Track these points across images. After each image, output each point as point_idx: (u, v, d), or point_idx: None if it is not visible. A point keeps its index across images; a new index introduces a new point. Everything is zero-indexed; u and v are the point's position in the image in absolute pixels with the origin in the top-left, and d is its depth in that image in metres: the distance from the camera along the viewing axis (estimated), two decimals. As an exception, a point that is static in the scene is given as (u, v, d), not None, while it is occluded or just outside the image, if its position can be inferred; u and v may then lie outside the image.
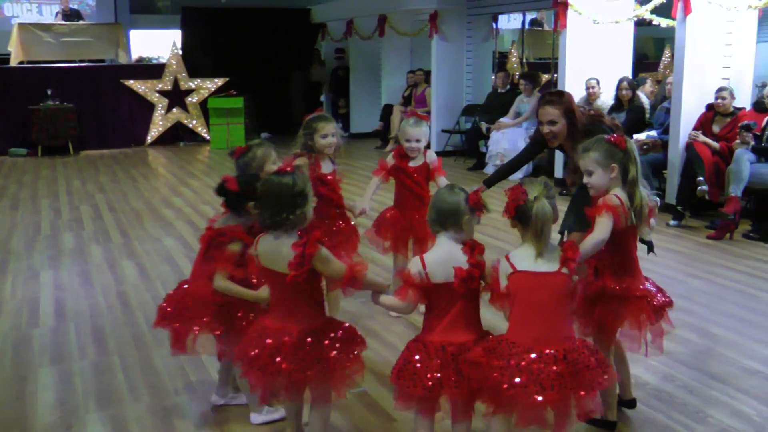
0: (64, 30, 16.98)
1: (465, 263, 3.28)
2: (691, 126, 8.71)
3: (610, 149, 3.75)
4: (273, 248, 3.41)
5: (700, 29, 8.69)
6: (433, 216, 3.41)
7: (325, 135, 5.12)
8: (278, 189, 3.41)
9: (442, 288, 3.30)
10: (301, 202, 3.42)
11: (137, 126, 16.69)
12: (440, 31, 14.08)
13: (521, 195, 3.31)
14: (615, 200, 3.68)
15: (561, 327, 3.29)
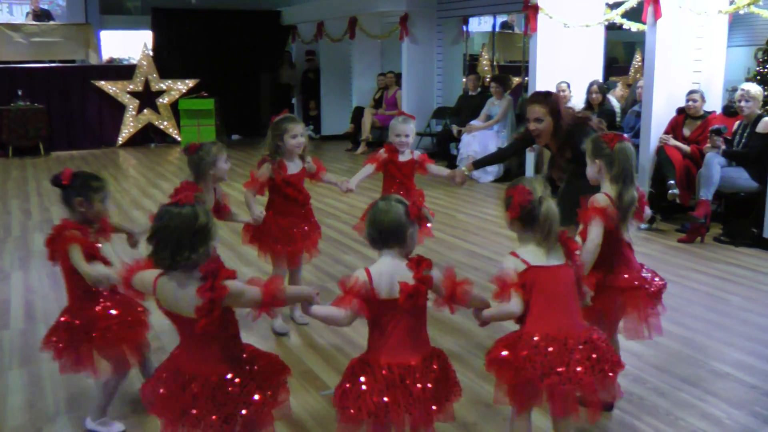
0: (34, 30, 16.86)
1: (411, 278, 3.11)
2: (662, 130, 8.78)
3: (598, 146, 3.94)
4: (174, 291, 2.98)
5: (671, 33, 8.76)
6: (373, 234, 3.21)
7: (295, 135, 5.30)
8: (179, 224, 2.96)
9: (386, 305, 3.12)
10: (204, 238, 3.00)
11: (107, 127, 16.60)
12: (410, 34, 14.11)
13: (527, 195, 3.32)
14: (603, 200, 3.82)
15: (577, 316, 3.39)
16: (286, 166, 5.34)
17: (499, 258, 6.74)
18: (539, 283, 3.32)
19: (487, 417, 4.18)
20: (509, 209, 3.37)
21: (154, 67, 16.89)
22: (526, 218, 3.34)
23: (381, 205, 3.22)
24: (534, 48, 10.74)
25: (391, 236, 3.19)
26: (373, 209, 3.25)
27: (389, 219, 3.18)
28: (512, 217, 3.38)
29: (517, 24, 16.75)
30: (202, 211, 3.03)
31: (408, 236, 3.21)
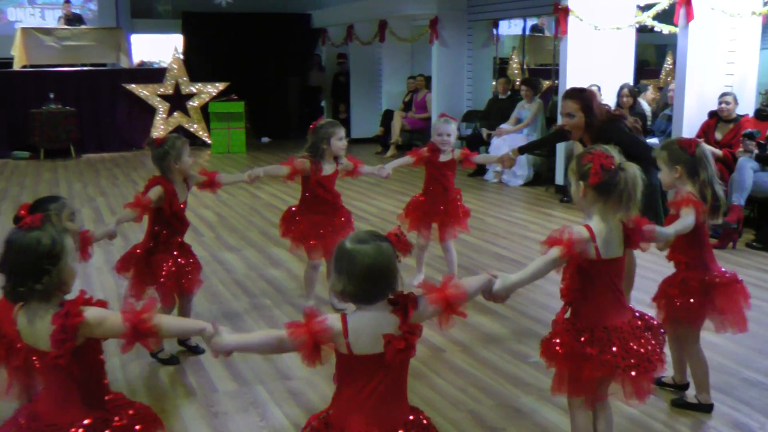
0: (66, 34, 17.00)
1: (397, 329, 2.62)
2: (693, 133, 8.69)
3: (677, 152, 3.98)
4: (31, 323, 2.68)
5: (703, 36, 8.68)
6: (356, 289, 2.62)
7: (341, 138, 5.71)
8: (18, 250, 2.69)
9: (365, 361, 2.63)
10: (51, 264, 2.66)
11: (137, 130, 16.68)
12: (440, 37, 14.08)
13: (608, 158, 3.12)
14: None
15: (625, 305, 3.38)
16: (323, 168, 5.69)
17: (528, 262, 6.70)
18: (604, 276, 3.22)
19: (515, 420, 4.15)
20: (592, 175, 3.09)
21: (184, 71, 16.98)
22: (606, 185, 3.09)
23: (361, 249, 2.61)
24: (564, 51, 10.68)
25: (382, 287, 2.64)
26: (346, 254, 2.62)
27: (379, 265, 2.61)
28: (595, 182, 3.09)
29: (547, 27, 16.70)
30: (47, 234, 2.70)
31: (399, 279, 2.68)
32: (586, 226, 3.16)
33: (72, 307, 2.63)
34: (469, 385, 4.58)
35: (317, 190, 5.72)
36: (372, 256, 2.59)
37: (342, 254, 2.63)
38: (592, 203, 3.18)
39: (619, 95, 10.06)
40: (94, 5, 19.90)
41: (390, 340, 2.59)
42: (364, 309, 2.64)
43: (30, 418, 2.76)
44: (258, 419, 4.22)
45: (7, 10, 19.38)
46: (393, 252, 2.64)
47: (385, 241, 2.64)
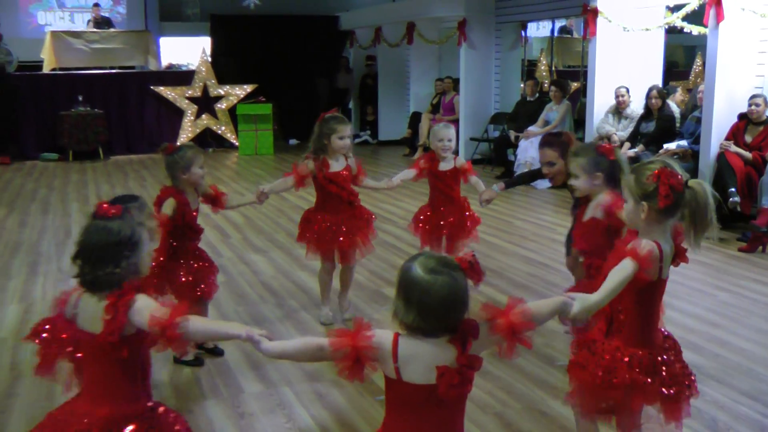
0: (95, 37, 17.14)
1: (453, 361, 2.39)
2: (723, 135, 8.62)
3: (597, 158, 3.91)
4: (94, 307, 2.73)
5: (733, 36, 8.61)
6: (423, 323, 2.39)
7: (342, 137, 5.37)
8: (101, 237, 2.76)
9: (417, 390, 2.41)
10: (129, 251, 2.75)
11: (165, 132, 16.76)
12: (468, 39, 14.06)
13: (676, 177, 2.93)
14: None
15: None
16: (329, 164, 5.43)
17: (556, 265, 6.67)
18: (658, 296, 3.13)
19: (542, 424, 4.13)
20: (662, 197, 2.88)
21: (212, 73, 17.04)
22: (674, 205, 2.92)
23: (437, 281, 2.36)
24: (593, 52, 10.64)
25: (452, 321, 2.40)
26: (418, 284, 2.38)
27: (454, 298, 2.38)
28: (665, 205, 2.89)
29: (576, 28, 16.63)
30: (128, 224, 2.79)
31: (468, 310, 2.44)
32: (656, 243, 2.97)
33: (128, 288, 2.69)
34: (496, 388, 4.56)
35: (328, 188, 5.46)
36: (448, 288, 2.35)
37: (412, 284, 2.39)
38: (655, 222, 2.99)
39: (647, 97, 9.99)
40: (122, 8, 20.06)
41: (444, 372, 2.35)
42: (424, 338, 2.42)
43: (68, 413, 2.75)
44: (284, 420, 4.22)
45: (37, 14, 19.57)
46: (466, 283, 2.41)
47: (458, 270, 2.40)
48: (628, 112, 10.33)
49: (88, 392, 2.78)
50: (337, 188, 5.46)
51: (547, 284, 6.64)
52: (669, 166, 2.95)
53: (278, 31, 18.40)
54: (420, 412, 2.43)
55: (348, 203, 5.55)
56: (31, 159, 15.50)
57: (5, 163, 14.91)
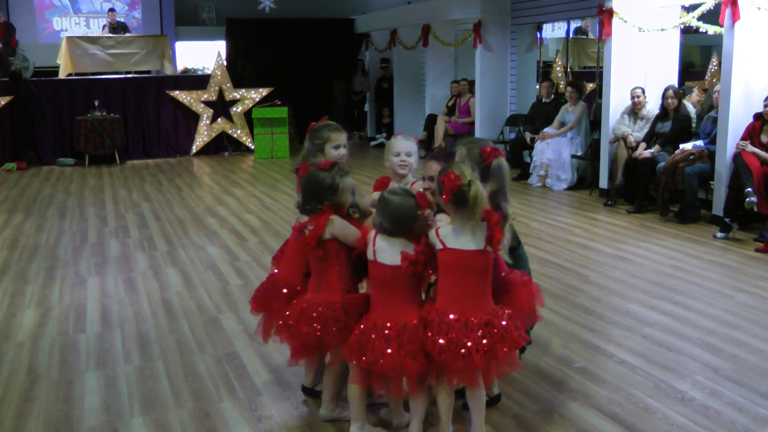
0: (111, 42, 17.21)
1: (412, 250, 3.66)
2: (739, 136, 8.58)
3: (476, 156, 4.00)
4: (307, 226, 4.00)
5: (749, 36, 8.56)
6: (385, 225, 3.72)
7: (338, 146, 4.65)
8: (311, 182, 4.00)
9: (387, 270, 3.71)
10: (331, 195, 3.94)
11: (182, 136, 16.85)
12: (484, 41, 14.05)
13: (457, 180, 3.56)
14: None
15: (483, 299, 3.71)
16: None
17: (573, 266, 6.64)
18: (450, 264, 3.67)
19: (560, 426, 4.12)
20: (442, 194, 3.60)
21: (228, 77, 17.09)
22: (457, 202, 3.58)
23: (393, 198, 3.70)
24: (608, 53, 10.60)
25: (403, 226, 3.70)
26: (383, 201, 3.72)
27: (403, 211, 3.68)
28: (445, 202, 3.62)
29: (591, 29, 16.56)
30: (330, 176, 3.96)
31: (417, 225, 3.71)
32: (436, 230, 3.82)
33: (328, 210, 3.93)
34: (513, 390, 4.55)
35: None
36: (399, 204, 3.69)
37: (381, 199, 3.75)
38: (452, 212, 3.69)
39: (663, 97, 9.94)
40: (138, 13, 20.17)
41: (405, 256, 3.65)
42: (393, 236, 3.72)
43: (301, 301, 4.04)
44: (302, 423, 4.22)
45: (53, 20, 19.71)
46: (414, 205, 3.68)
47: (411, 197, 3.71)
48: (644, 112, 10.29)
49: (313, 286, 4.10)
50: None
51: (565, 286, 6.62)
52: (457, 169, 3.62)
53: (294, 34, 18.44)
54: (391, 285, 3.73)
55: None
56: (48, 164, 15.60)
57: (22, 168, 15.01)
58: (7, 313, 6.22)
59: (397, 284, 3.72)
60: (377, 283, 3.82)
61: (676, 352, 5.05)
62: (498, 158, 3.94)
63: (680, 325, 5.64)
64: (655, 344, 5.26)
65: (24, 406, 4.50)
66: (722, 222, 8.37)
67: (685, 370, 4.82)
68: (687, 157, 9.06)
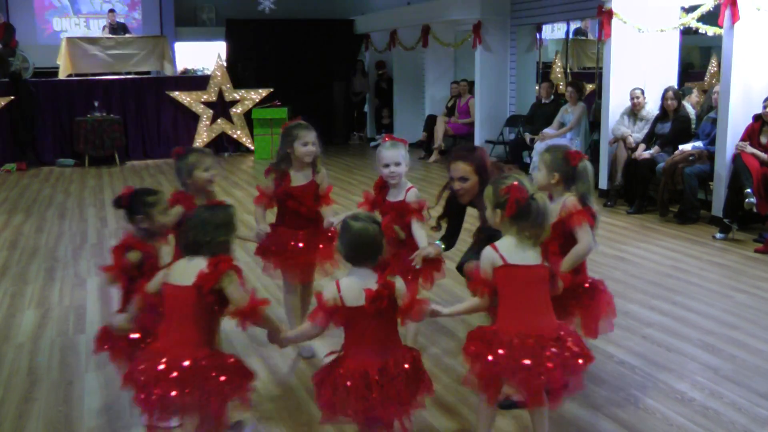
0: (110, 43, 17.23)
1: (375, 284, 3.31)
2: (738, 136, 8.58)
3: (561, 160, 4.12)
4: (186, 266, 3.43)
5: (749, 37, 8.56)
6: (348, 252, 3.42)
7: (306, 143, 4.95)
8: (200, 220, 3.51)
9: (355, 312, 3.32)
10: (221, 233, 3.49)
11: (181, 137, 16.83)
12: (484, 42, 14.06)
13: (523, 192, 3.45)
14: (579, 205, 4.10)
15: (548, 314, 3.55)
16: (290, 177, 5.01)
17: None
18: (513, 281, 3.48)
19: (560, 427, 4.12)
20: (507, 207, 3.46)
21: (227, 77, 17.09)
22: (520, 215, 3.46)
23: (353, 224, 3.40)
24: (608, 54, 10.60)
25: (365, 254, 3.39)
26: (344, 227, 3.43)
27: (364, 236, 3.38)
28: (509, 215, 3.47)
29: (591, 30, 16.57)
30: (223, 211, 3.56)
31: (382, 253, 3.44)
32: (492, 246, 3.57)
33: (226, 259, 3.40)
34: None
35: (287, 202, 5.02)
36: (361, 231, 3.37)
37: (342, 226, 3.45)
38: (508, 226, 3.54)
39: (663, 98, 9.95)
40: (138, 14, 20.18)
41: (368, 293, 3.28)
42: (356, 271, 3.39)
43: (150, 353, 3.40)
44: (301, 424, 4.23)
45: (53, 20, 19.72)
46: (378, 233, 3.40)
47: (375, 224, 3.43)
48: (644, 113, 10.29)
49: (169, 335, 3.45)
50: (295, 203, 5.03)
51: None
52: (521, 182, 3.50)
53: (294, 35, 18.43)
54: (363, 326, 3.34)
55: (307, 220, 5.07)
56: (48, 165, 15.61)
57: (22, 169, 15.01)
58: (6, 314, 6.23)
59: (368, 325, 3.34)
60: (349, 327, 3.41)
61: (676, 353, 5.05)
62: (583, 160, 4.08)
63: (680, 325, 5.64)
64: (654, 344, 5.27)
65: (24, 407, 4.51)
66: (722, 223, 8.37)
67: (685, 370, 4.82)
68: (686, 157, 9.06)
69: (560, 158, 4.14)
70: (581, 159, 4.13)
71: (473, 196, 4.73)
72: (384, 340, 3.37)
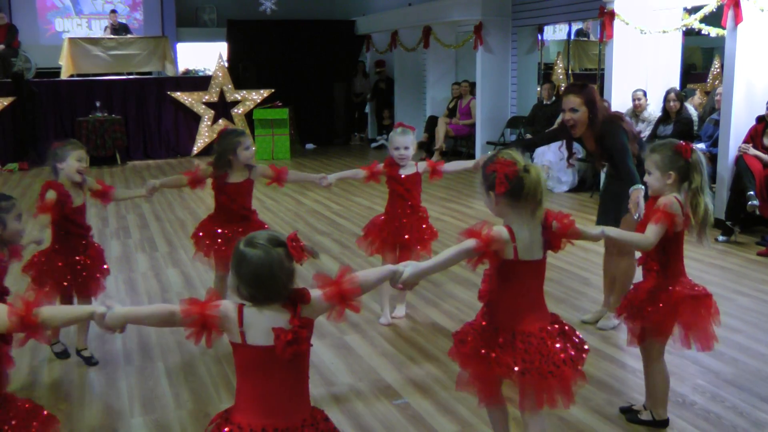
0: (112, 44, 17.24)
1: (287, 322, 2.64)
2: (741, 138, 8.56)
3: (673, 156, 3.80)
4: None
5: (752, 38, 8.53)
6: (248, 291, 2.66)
7: (248, 147, 5.49)
8: None
9: (260, 352, 2.65)
10: None
11: (183, 137, 16.84)
12: (485, 43, 14.05)
13: (511, 165, 3.17)
14: (675, 207, 3.76)
15: (544, 306, 3.41)
16: (227, 175, 5.48)
17: (574, 269, 6.63)
18: (522, 277, 3.28)
19: (560, 429, 4.11)
20: (497, 185, 3.15)
21: (229, 78, 17.09)
22: (514, 191, 3.16)
23: (250, 253, 2.63)
24: (610, 55, 10.59)
25: (269, 290, 2.66)
26: (238, 255, 2.66)
27: (267, 269, 2.62)
28: (501, 192, 3.17)
29: (592, 31, 16.56)
30: None
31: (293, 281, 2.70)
32: (507, 227, 3.21)
33: None
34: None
35: (221, 198, 5.55)
36: (261, 259, 2.61)
37: (235, 255, 2.67)
38: (507, 208, 3.24)
39: (665, 100, 9.94)
40: (140, 15, 20.17)
41: (279, 333, 2.60)
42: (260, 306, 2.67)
43: None
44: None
45: (55, 21, 19.72)
46: (285, 257, 2.64)
47: (278, 246, 2.65)
48: (646, 115, 10.28)
49: None
50: (229, 200, 5.52)
51: (565, 288, 6.61)
52: (509, 156, 3.19)
53: (295, 35, 18.42)
54: (265, 372, 2.67)
55: (241, 217, 5.55)
56: (50, 164, 15.58)
57: (24, 169, 15.00)
58: (7, 313, 6.21)
59: (273, 371, 2.68)
60: (247, 371, 2.73)
61: (677, 356, 5.03)
62: (695, 152, 3.82)
63: (681, 327, 5.62)
64: (656, 347, 5.25)
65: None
66: (724, 225, 8.35)
67: (686, 373, 4.81)
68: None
69: (671, 154, 3.82)
70: (693, 150, 3.82)
71: (583, 129, 5.24)
72: (290, 394, 2.72)
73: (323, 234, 8.87)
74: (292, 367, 2.69)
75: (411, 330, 5.67)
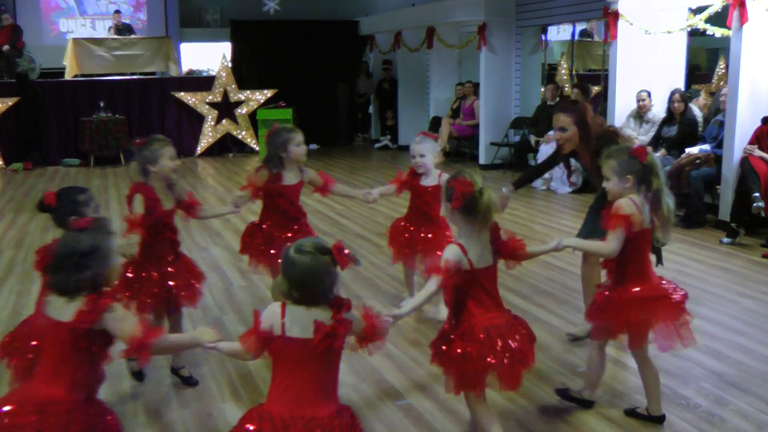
0: (116, 44, 17.24)
1: (328, 319, 2.86)
2: (746, 140, 8.53)
3: (629, 161, 3.91)
4: (60, 306, 2.95)
5: (757, 39, 8.50)
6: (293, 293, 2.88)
7: (299, 143, 5.32)
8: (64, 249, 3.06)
9: (296, 345, 2.86)
10: (93, 263, 2.98)
11: (186, 137, 16.86)
12: (488, 43, 14.02)
13: (468, 186, 3.46)
14: (628, 208, 3.87)
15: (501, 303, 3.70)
16: (283, 176, 5.33)
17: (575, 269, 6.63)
18: (480, 283, 3.55)
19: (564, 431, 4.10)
20: (453, 200, 3.48)
21: (232, 78, 17.10)
22: (468, 208, 3.47)
23: (300, 260, 2.86)
24: (614, 56, 10.57)
25: (316, 293, 2.89)
26: (288, 260, 2.89)
27: (313, 275, 2.87)
28: (455, 207, 3.49)
29: (596, 31, 16.54)
30: (89, 236, 3.07)
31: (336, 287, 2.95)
32: (458, 243, 3.54)
33: (105, 295, 2.96)
34: (517, 394, 4.53)
35: (278, 201, 5.37)
36: (309, 266, 2.85)
37: (285, 259, 2.91)
38: (461, 222, 3.57)
39: (670, 100, 9.92)
40: (143, 15, 20.17)
41: (319, 325, 2.82)
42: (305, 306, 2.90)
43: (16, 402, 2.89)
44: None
45: (59, 22, 19.71)
46: (330, 264, 2.88)
47: (325, 254, 2.88)
48: (650, 116, 10.26)
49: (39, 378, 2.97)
50: (285, 202, 5.39)
51: (567, 289, 6.59)
52: (468, 175, 3.52)
53: (298, 36, 18.43)
54: (299, 364, 2.87)
55: (294, 219, 5.43)
56: (53, 164, 15.64)
57: (28, 169, 15.03)
58: (12, 312, 6.22)
59: (307, 364, 2.87)
60: (282, 363, 2.93)
61: (681, 358, 5.02)
62: (649, 154, 3.92)
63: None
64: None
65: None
66: (728, 227, 8.32)
67: (690, 376, 4.79)
68: (693, 161, 9.02)
69: (627, 159, 3.91)
70: (648, 153, 3.91)
71: (574, 146, 5.19)
72: (319, 388, 2.90)
73: (326, 234, 8.84)
74: (325, 361, 2.89)
75: (414, 331, 5.66)
